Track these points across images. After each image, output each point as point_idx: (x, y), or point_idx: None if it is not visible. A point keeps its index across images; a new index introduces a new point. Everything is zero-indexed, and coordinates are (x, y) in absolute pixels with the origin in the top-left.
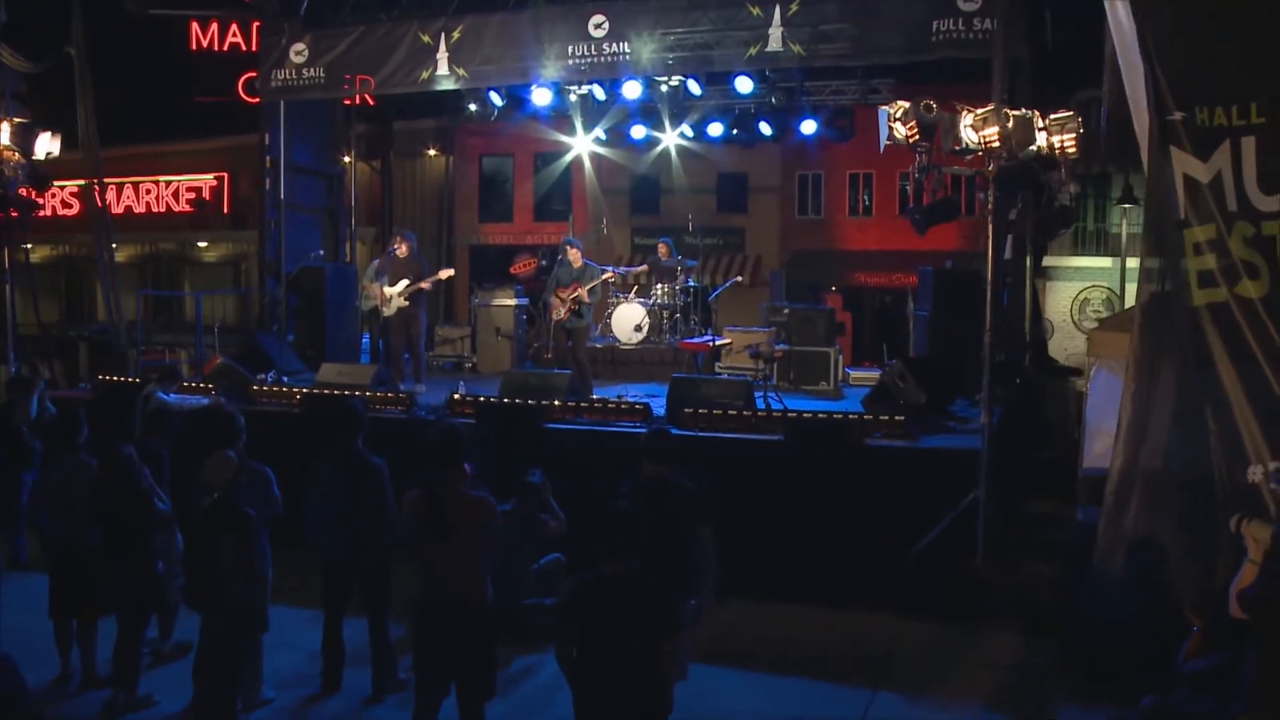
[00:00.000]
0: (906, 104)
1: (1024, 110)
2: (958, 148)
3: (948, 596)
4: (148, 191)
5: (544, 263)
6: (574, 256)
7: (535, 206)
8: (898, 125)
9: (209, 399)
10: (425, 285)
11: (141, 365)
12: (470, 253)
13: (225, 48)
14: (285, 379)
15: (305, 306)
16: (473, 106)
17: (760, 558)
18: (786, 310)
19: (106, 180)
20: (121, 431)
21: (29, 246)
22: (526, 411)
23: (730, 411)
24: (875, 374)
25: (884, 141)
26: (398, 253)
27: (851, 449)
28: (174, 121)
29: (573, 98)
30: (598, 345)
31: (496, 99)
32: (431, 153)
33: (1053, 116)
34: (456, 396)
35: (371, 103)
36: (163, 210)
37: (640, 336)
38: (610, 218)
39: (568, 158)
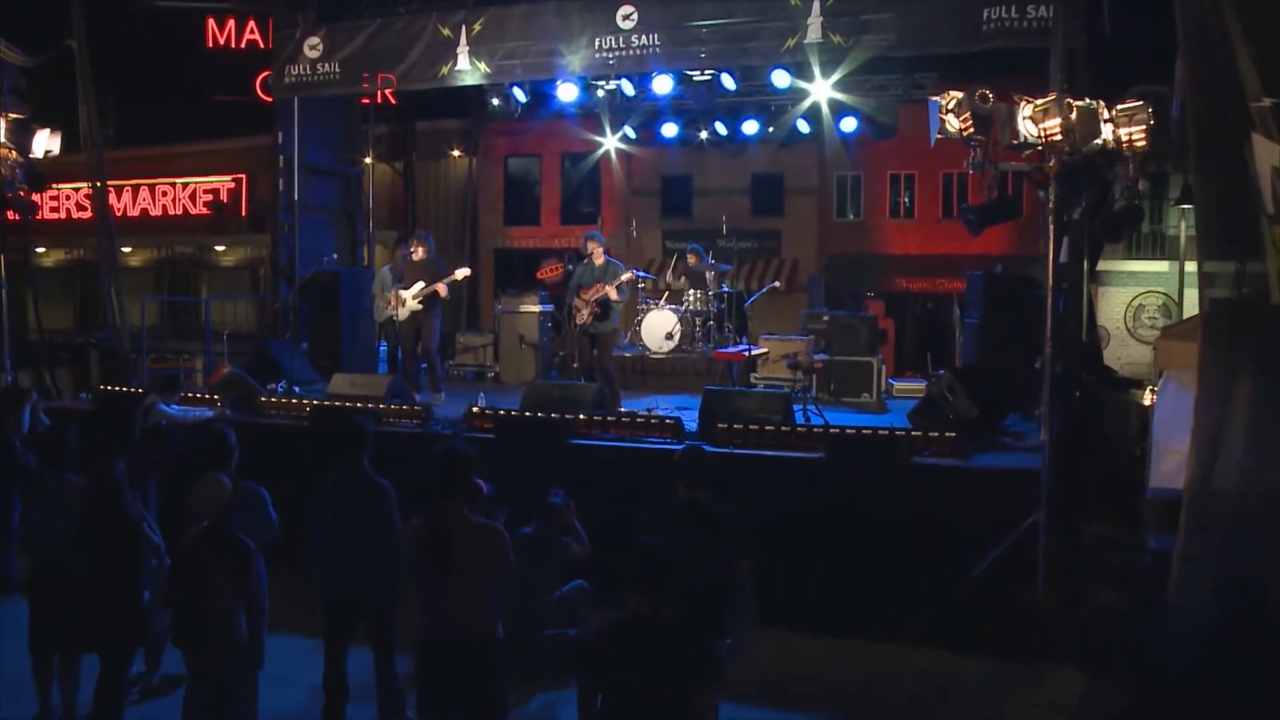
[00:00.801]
0: (960, 94)
1: (1088, 100)
2: (1015, 141)
3: (1004, 630)
4: (164, 194)
5: (570, 268)
6: (596, 253)
7: (563, 209)
8: (950, 118)
9: (214, 411)
10: (440, 288)
11: (149, 374)
12: (495, 257)
13: (242, 45)
14: (297, 390)
15: (318, 313)
16: (495, 102)
17: (800, 585)
18: (826, 317)
19: (121, 182)
20: (115, 448)
21: (42, 250)
22: (549, 426)
23: (767, 427)
24: (920, 385)
25: (934, 135)
26: (413, 255)
27: (898, 468)
28: (191, 122)
29: (600, 94)
30: (626, 354)
31: (520, 95)
32: (455, 153)
33: (1120, 107)
34: (475, 410)
35: (394, 101)
36: (179, 213)
37: (671, 345)
38: (640, 220)
39: (596, 157)
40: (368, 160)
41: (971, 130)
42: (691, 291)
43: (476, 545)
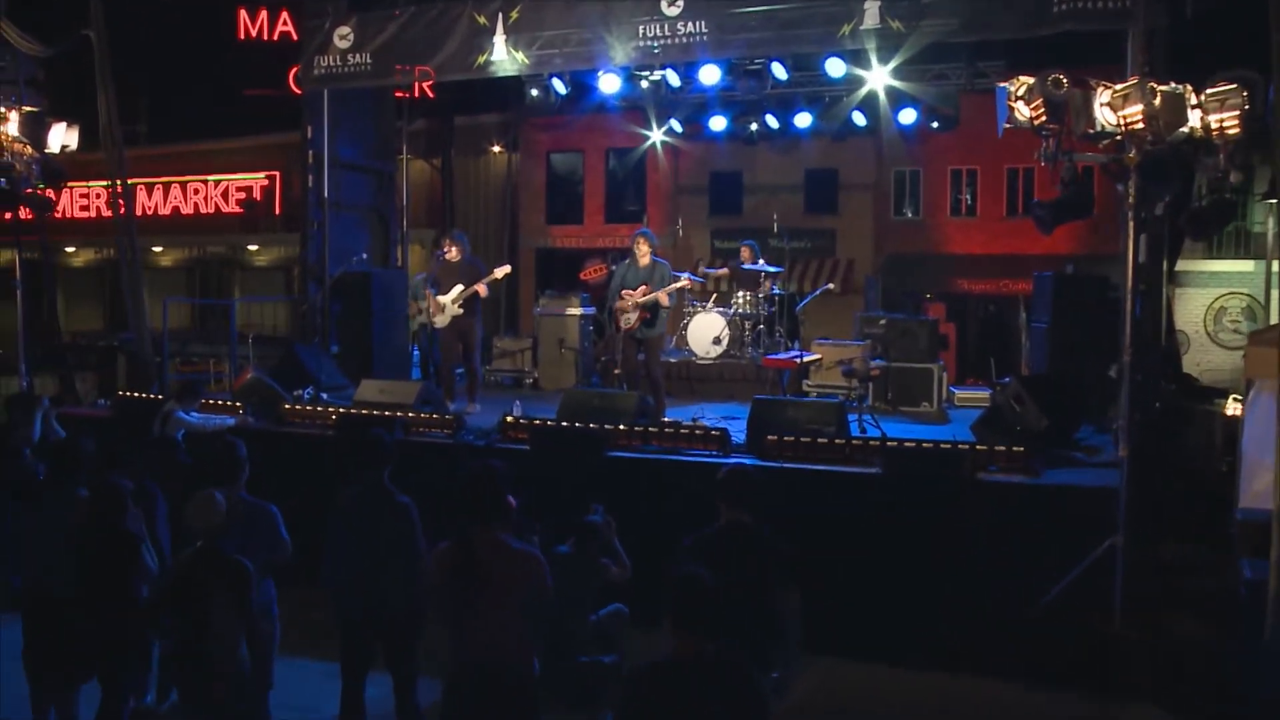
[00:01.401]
0: (1031, 79)
1: (1173, 85)
2: (1091, 131)
3: (1079, 662)
4: (195, 191)
5: (613, 268)
6: (642, 251)
7: (607, 207)
8: (1020, 105)
9: (235, 418)
10: (481, 289)
11: (172, 380)
12: (536, 257)
13: (275, 37)
14: (325, 396)
15: (349, 315)
16: (535, 93)
17: (854, 610)
18: (883, 321)
19: (152, 180)
20: (125, 459)
21: (71, 249)
22: (587, 437)
23: (820, 439)
24: (984, 394)
25: (1002, 125)
26: (447, 256)
27: (962, 484)
28: (223, 117)
29: (645, 85)
30: (671, 360)
31: (560, 86)
32: (495, 149)
33: (1210, 91)
34: (509, 419)
35: (431, 95)
36: (211, 211)
37: (719, 350)
38: (687, 218)
39: (641, 153)
40: (403, 156)
41: (1044, 119)
42: (740, 293)
43: (514, 573)
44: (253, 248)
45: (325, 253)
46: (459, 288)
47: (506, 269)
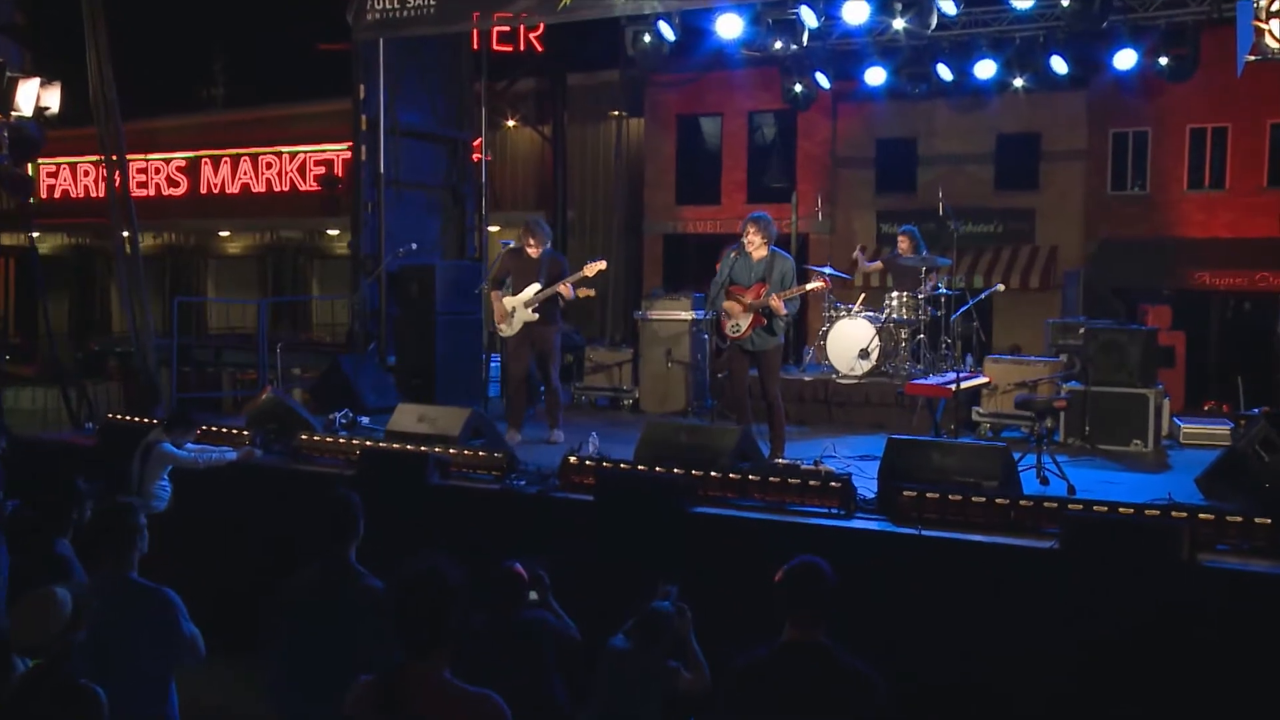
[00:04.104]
0: None
1: None
2: None
3: None
4: (268, 165)
5: (731, 252)
6: (756, 241)
7: (749, 183)
8: (1273, 29)
9: (239, 451)
10: (565, 289)
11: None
12: (664, 245)
13: None
14: (366, 421)
15: (411, 318)
16: (646, 38)
17: None
18: (1082, 330)
19: (218, 152)
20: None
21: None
22: (666, 486)
23: (975, 497)
24: (1222, 429)
25: (1243, 58)
26: (528, 250)
27: (1174, 569)
28: (300, 78)
29: (773, 27)
30: (804, 378)
31: (668, 31)
32: (615, 114)
33: None
34: (573, 459)
35: (539, 48)
36: (286, 189)
37: (867, 366)
38: (848, 198)
39: (791, 117)
40: (510, 123)
41: None
42: (896, 294)
43: None
44: (333, 232)
45: (381, 241)
46: (535, 287)
47: (600, 265)
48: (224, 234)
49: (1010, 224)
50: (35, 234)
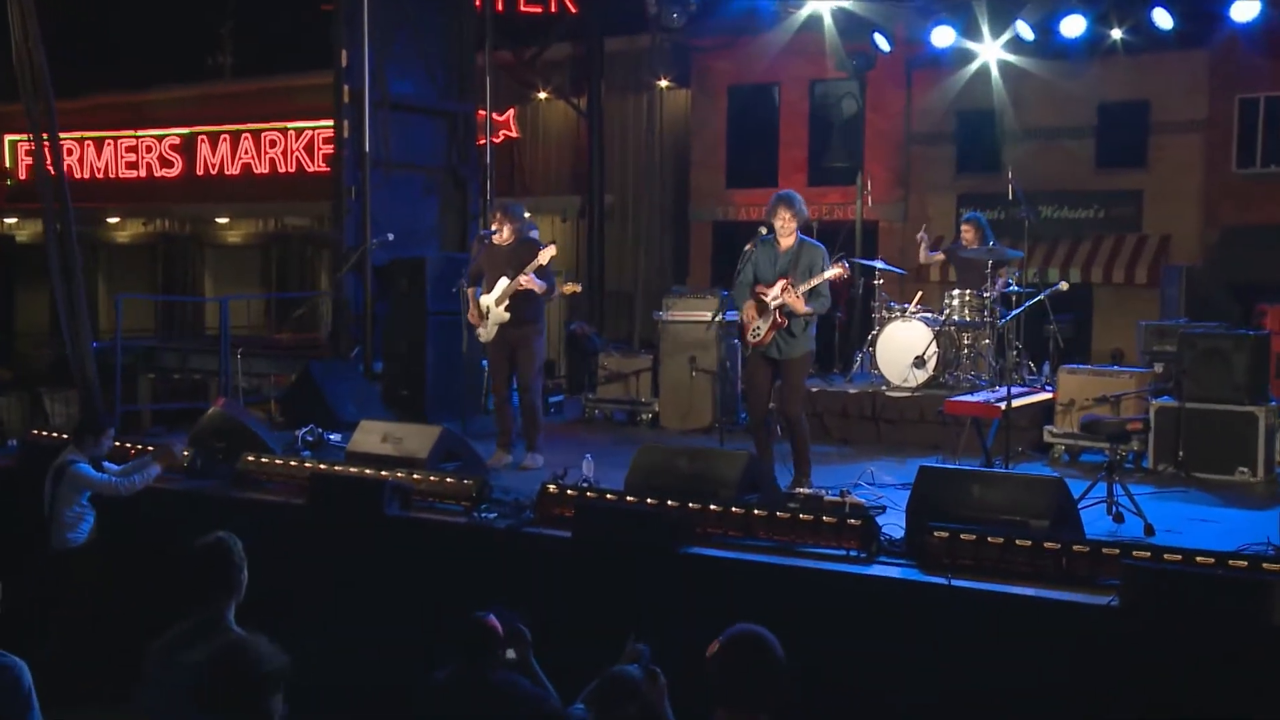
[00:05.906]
0: None
1: None
2: None
3: None
4: (272, 143)
5: (761, 234)
6: (786, 227)
7: (810, 164)
8: None
9: (161, 468)
10: (526, 281)
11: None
12: (714, 232)
13: None
14: (335, 439)
15: (398, 318)
16: None
17: None
18: (1180, 334)
19: (217, 128)
20: None
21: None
22: (654, 521)
23: (1019, 540)
24: None
25: None
26: (496, 238)
27: (1261, 636)
28: (307, 44)
29: None
30: (849, 390)
31: None
32: (661, 84)
33: None
34: (551, 488)
35: (573, 9)
36: (291, 169)
37: (923, 376)
38: (923, 179)
39: (856, 88)
40: (542, 95)
41: None
42: (959, 291)
43: None
44: None
45: (367, 231)
46: (504, 281)
47: (551, 250)
48: (222, 220)
49: (1112, 208)
50: (12, 220)
